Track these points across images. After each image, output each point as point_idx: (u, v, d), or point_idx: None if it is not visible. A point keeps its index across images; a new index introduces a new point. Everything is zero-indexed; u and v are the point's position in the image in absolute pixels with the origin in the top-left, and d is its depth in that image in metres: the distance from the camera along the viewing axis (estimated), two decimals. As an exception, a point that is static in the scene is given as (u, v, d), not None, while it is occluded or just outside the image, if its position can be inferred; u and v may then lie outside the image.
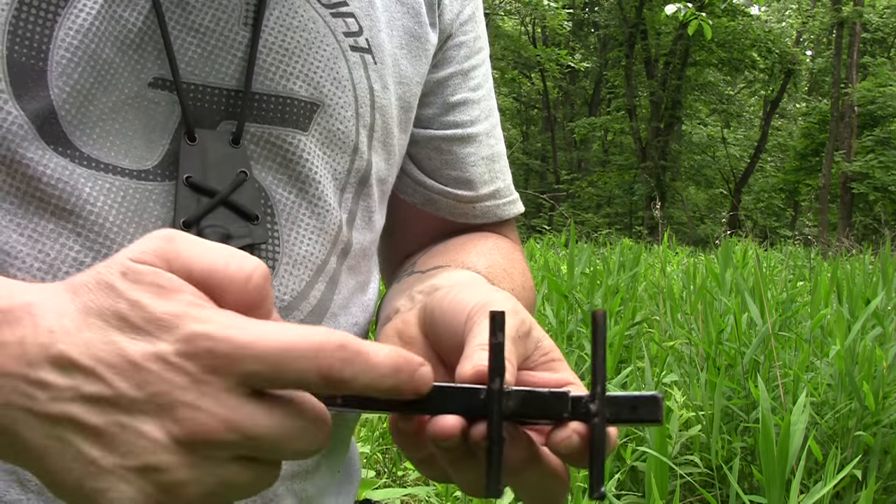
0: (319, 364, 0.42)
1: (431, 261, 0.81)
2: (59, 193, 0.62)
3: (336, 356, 0.43)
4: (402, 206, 0.87)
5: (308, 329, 0.43)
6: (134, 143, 0.65)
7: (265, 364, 0.42)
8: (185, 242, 0.45)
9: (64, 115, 0.62)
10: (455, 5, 0.84)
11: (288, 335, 0.43)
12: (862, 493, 2.00)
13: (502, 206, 0.89)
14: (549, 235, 11.12)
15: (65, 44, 0.62)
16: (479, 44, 0.88)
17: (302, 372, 0.42)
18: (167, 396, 0.41)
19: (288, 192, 0.70)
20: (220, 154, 0.67)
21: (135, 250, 0.45)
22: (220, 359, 0.42)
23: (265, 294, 0.46)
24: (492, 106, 0.89)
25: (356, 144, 0.74)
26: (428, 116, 0.84)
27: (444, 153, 0.85)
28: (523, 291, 0.82)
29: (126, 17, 0.64)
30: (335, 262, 0.74)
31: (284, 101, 0.69)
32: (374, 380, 0.44)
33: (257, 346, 0.42)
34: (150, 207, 0.65)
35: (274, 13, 0.69)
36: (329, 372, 0.43)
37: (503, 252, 0.85)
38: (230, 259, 0.45)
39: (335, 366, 0.43)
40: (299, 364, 0.42)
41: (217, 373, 0.42)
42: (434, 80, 0.83)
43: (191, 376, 0.41)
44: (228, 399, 0.42)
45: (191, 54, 0.66)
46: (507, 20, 23.68)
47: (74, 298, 0.44)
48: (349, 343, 0.43)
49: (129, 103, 0.64)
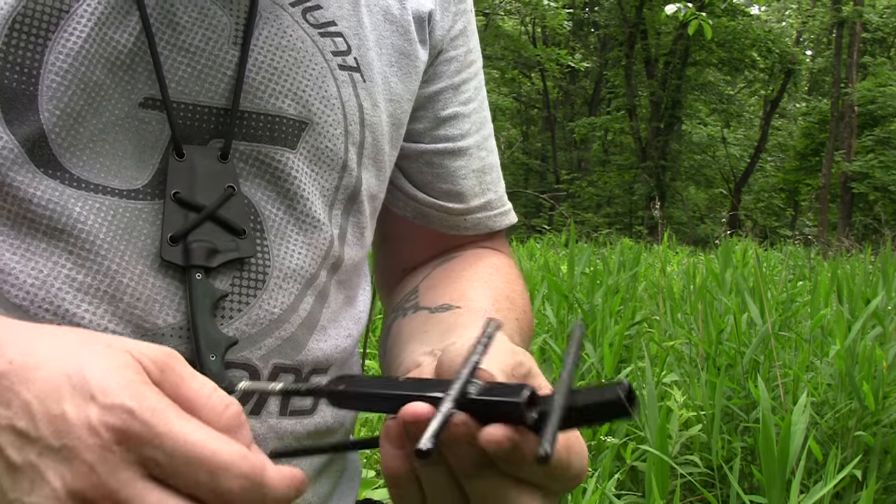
0: (216, 480, 0.44)
1: (436, 294, 0.81)
2: (50, 214, 0.62)
3: (236, 482, 0.44)
4: (393, 218, 0.88)
5: (224, 443, 0.45)
6: (124, 163, 0.65)
7: (164, 455, 0.44)
8: (182, 363, 0.49)
9: (54, 139, 0.63)
10: (446, 21, 0.84)
11: (203, 442, 0.44)
12: (862, 493, 2.00)
13: (493, 218, 0.90)
14: (549, 235, 11.11)
15: (55, 68, 0.62)
16: (471, 57, 0.89)
17: (196, 482, 0.44)
18: (73, 452, 0.44)
19: (276, 209, 0.71)
20: (207, 169, 0.67)
21: (141, 344, 0.48)
22: (129, 435, 0.44)
23: (239, 423, 0.48)
24: (484, 118, 0.90)
25: (345, 162, 0.74)
26: (419, 131, 0.85)
27: (436, 167, 0.85)
28: (525, 315, 0.83)
29: (116, 39, 0.65)
30: (325, 277, 0.75)
31: (273, 120, 0.70)
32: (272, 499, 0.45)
33: (167, 438, 0.44)
34: (140, 225, 0.65)
35: (263, 33, 0.70)
36: (222, 492, 0.44)
37: (502, 274, 0.85)
38: (215, 391, 0.48)
39: (233, 491, 0.44)
40: (196, 471, 0.44)
41: (122, 446, 0.44)
42: (425, 94, 0.84)
43: (101, 441, 0.44)
44: (124, 472, 0.44)
45: (181, 74, 0.67)
46: (507, 20, 23.69)
47: (56, 340, 0.48)
48: (253, 471, 0.45)
49: (119, 124, 0.65)
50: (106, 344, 0.48)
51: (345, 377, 0.56)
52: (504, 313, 0.78)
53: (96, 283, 0.64)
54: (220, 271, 0.68)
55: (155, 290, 0.65)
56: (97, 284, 0.64)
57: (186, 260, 0.66)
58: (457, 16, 0.86)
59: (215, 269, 0.67)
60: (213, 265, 0.67)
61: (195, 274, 0.66)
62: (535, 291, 4.23)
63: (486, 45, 23.16)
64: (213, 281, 0.67)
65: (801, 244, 11.40)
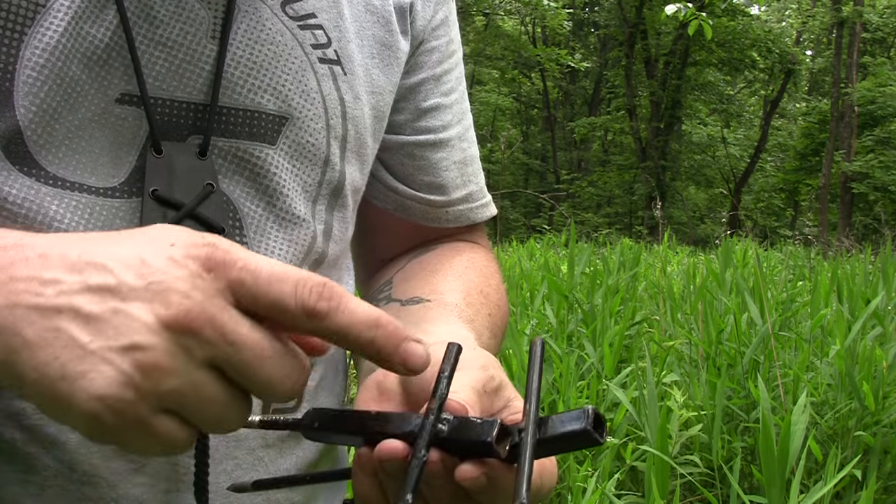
0: (298, 290, 0.46)
1: (409, 287, 0.81)
2: (26, 213, 0.61)
3: (315, 289, 0.46)
4: (373, 210, 0.87)
5: (298, 268, 0.47)
6: (101, 160, 0.64)
7: (250, 274, 0.46)
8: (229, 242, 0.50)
9: (30, 136, 0.62)
10: (427, 11, 0.84)
11: (282, 265, 0.47)
12: (862, 493, 2.00)
13: (475, 210, 0.90)
14: (549, 235, 11.12)
15: (31, 63, 0.61)
16: (452, 47, 0.88)
17: (281, 293, 0.46)
18: (163, 284, 0.45)
19: (255, 205, 0.70)
20: (186, 166, 0.66)
21: None
22: (216, 262, 0.46)
23: None
24: (464, 109, 0.89)
25: (327, 156, 0.74)
26: (400, 122, 0.84)
27: (417, 159, 0.85)
28: (498, 310, 0.83)
29: (93, 34, 0.63)
30: None
31: (252, 115, 0.69)
32: (351, 325, 0.47)
33: (249, 260, 0.46)
34: (117, 224, 0.64)
35: (241, 27, 0.69)
36: (305, 300, 0.46)
37: (477, 269, 0.85)
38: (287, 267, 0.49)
39: (312, 296, 0.46)
40: (280, 286, 0.46)
41: (212, 272, 0.46)
42: (406, 85, 0.83)
43: (189, 271, 0.45)
44: (217, 299, 0.45)
45: (158, 69, 0.66)
46: (507, 20, 23.69)
47: (108, 232, 0.50)
48: (332, 283, 0.47)
49: (95, 120, 0.64)
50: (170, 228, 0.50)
51: (319, 412, 0.58)
52: (476, 307, 0.78)
53: None
54: None
55: None
56: None
57: None
58: (438, 5, 0.85)
59: None
60: None
61: None
62: (535, 291, 4.23)
63: (486, 45, 23.16)
64: None
65: (801, 244, 11.40)
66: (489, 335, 0.78)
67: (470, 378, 0.56)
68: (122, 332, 0.43)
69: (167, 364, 0.43)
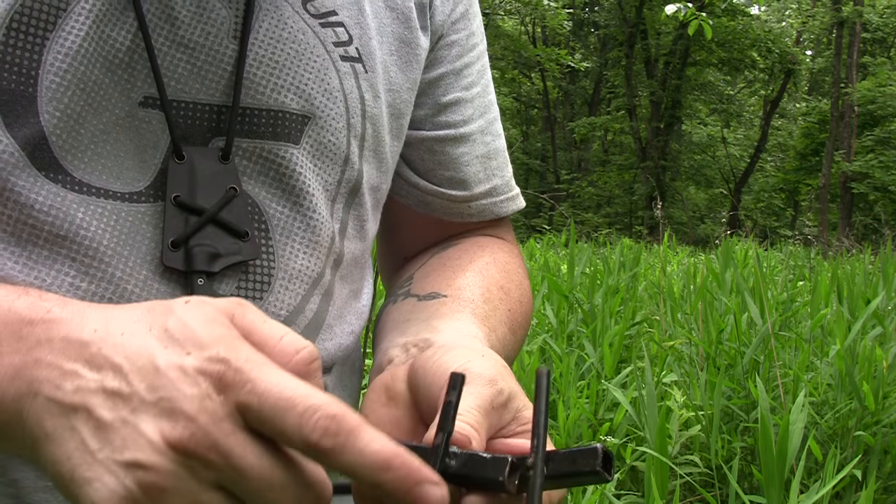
0: (303, 422, 0.43)
1: (428, 282, 0.80)
2: (52, 220, 0.61)
3: (321, 423, 0.43)
4: (396, 207, 0.87)
5: (314, 391, 0.44)
6: (126, 164, 0.64)
7: (257, 399, 0.43)
8: (253, 310, 0.49)
9: (55, 141, 0.61)
10: (447, 5, 0.82)
11: (294, 386, 0.44)
12: (862, 493, 2.00)
13: (499, 204, 0.88)
14: (549, 235, 11.12)
15: (54, 68, 0.61)
16: (473, 41, 0.86)
17: (284, 424, 0.43)
18: (172, 402, 0.44)
19: (282, 207, 0.69)
20: (208, 171, 0.66)
21: (209, 298, 0.49)
22: (226, 383, 0.44)
23: (312, 370, 0.48)
24: (488, 102, 0.88)
25: (347, 155, 0.73)
26: (420, 117, 0.83)
27: (437, 154, 0.83)
28: (520, 306, 0.82)
29: (114, 37, 0.63)
30: (329, 275, 0.74)
31: (276, 115, 0.69)
32: (357, 466, 0.43)
33: (258, 382, 0.44)
34: (143, 229, 0.64)
35: (262, 26, 0.68)
36: (308, 435, 0.43)
37: (500, 265, 0.84)
38: (286, 334, 0.48)
39: (316, 431, 0.43)
40: (284, 416, 0.43)
41: (222, 395, 0.44)
42: (426, 80, 0.82)
43: (199, 391, 0.44)
44: (225, 423, 0.44)
45: (180, 71, 0.65)
46: (507, 20, 23.67)
47: (132, 311, 0.48)
48: (345, 415, 0.43)
49: (119, 124, 0.64)
50: (184, 302, 0.48)
51: None
52: (494, 304, 0.77)
53: (101, 290, 0.62)
54: (224, 275, 0.66)
55: (159, 296, 0.64)
56: (101, 292, 0.62)
57: (188, 265, 0.64)
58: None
59: (219, 273, 0.66)
60: (216, 270, 0.65)
61: (197, 279, 0.65)
62: (536, 291, 4.23)
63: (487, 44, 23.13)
64: (218, 285, 0.66)
65: (801, 244, 11.40)
66: (507, 332, 0.77)
67: (476, 397, 0.55)
68: (128, 446, 0.43)
69: (169, 485, 0.43)
